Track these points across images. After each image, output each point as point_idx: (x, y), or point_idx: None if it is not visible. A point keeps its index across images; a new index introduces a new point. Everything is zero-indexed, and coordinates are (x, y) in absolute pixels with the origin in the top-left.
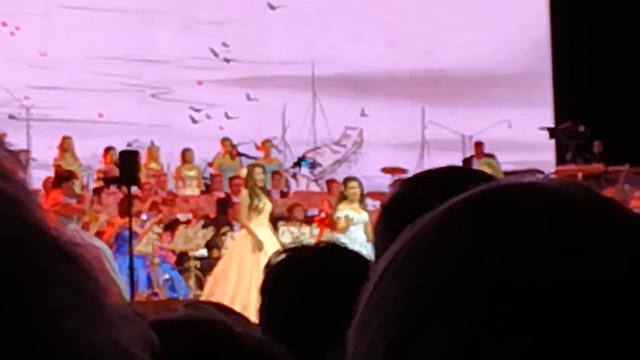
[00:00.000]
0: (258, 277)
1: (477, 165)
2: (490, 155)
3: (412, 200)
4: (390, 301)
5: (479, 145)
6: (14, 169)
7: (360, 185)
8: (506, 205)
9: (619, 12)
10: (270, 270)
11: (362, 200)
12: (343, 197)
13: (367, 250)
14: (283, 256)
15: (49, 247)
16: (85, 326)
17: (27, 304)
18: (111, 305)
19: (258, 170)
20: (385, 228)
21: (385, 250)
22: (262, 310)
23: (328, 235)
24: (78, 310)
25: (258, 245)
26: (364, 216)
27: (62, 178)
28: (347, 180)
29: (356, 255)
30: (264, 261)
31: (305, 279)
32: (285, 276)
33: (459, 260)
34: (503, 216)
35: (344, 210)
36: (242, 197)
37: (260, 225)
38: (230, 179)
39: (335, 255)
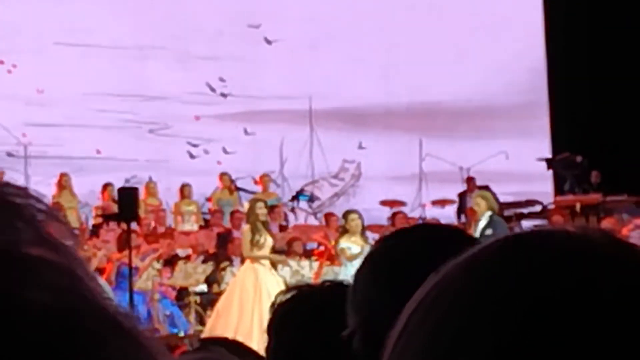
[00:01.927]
0: (259, 313)
1: (471, 198)
2: (484, 188)
3: (396, 252)
4: (417, 346)
5: (470, 180)
6: (64, 239)
7: (361, 217)
8: (532, 253)
9: (615, 41)
10: (277, 309)
11: (363, 233)
12: (345, 231)
13: None
14: (289, 295)
15: (103, 320)
16: None
17: None
18: None
19: (260, 204)
20: (369, 273)
21: (365, 294)
22: (269, 349)
23: (327, 269)
24: None
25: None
26: (366, 250)
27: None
28: (347, 213)
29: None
30: (265, 296)
31: (312, 318)
32: (292, 315)
33: (485, 306)
34: (529, 263)
35: (346, 243)
36: (244, 232)
37: (261, 262)
38: (232, 213)
39: (341, 294)
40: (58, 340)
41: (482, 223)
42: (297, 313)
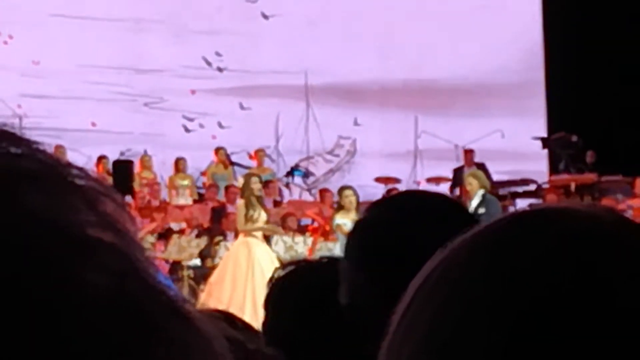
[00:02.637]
0: (252, 288)
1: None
2: (480, 165)
3: (377, 224)
4: (422, 324)
5: (468, 152)
6: (125, 223)
7: (356, 193)
8: (538, 230)
9: (612, 21)
10: (274, 284)
11: (358, 209)
12: (340, 207)
13: None
14: (286, 271)
15: (162, 305)
16: None
17: None
18: None
19: (255, 179)
20: (355, 249)
21: (353, 270)
22: (266, 325)
23: (321, 245)
24: None
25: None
26: None
27: None
28: (342, 189)
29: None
30: (257, 271)
31: (309, 294)
32: (289, 291)
33: (490, 283)
34: (534, 241)
35: (341, 219)
36: (239, 207)
37: (254, 236)
38: (227, 187)
39: (338, 270)
40: (119, 324)
41: (475, 202)
42: (294, 289)
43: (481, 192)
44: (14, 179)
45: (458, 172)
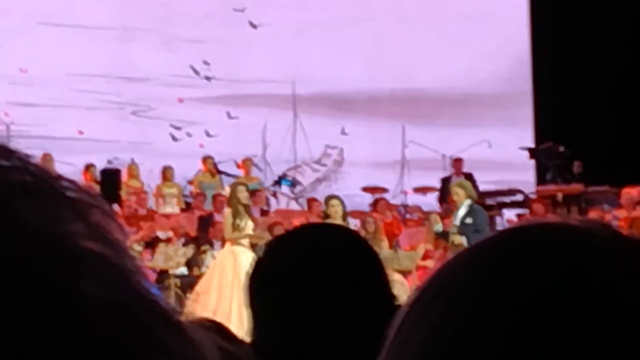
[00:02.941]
0: (238, 296)
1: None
2: (468, 175)
3: (274, 264)
4: (416, 340)
5: (457, 162)
6: (115, 233)
7: (342, 203)
8: (533, 246)
9: (601, 31)
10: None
11: (344, 219)
12: (326, 216)
13: None
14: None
15: (155, 315)
16: None
17: None
18: None
19: (241, 188)
20: (253, 289)
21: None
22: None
23: None
24: None
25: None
26: None
27: None
28: (328, 198)
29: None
30: (243, 280)
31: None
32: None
33: (484, 300)
34: (530, 256)
35: None
36: (225, 216)
37: (241, 245)
38: (214, 196)
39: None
40: (113, 334)
41: (462, 212)
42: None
43: (468, 202)
44: (6, 191)
45: (446, 181)
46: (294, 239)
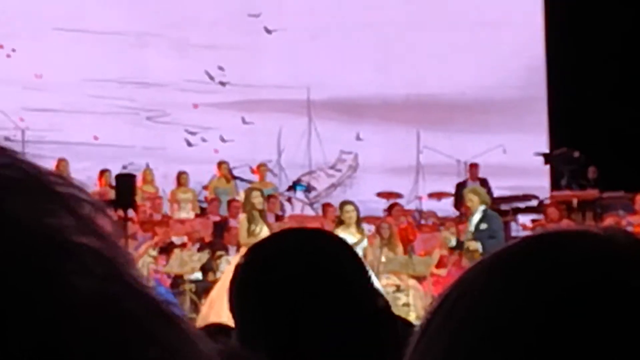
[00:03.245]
0: None
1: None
2: (482, 180)
3: (249, 272)
4: (439, 347)
5: (474, 167)
6: (107, 227)
7: (357, 208)
8: (555, 253)
9: (614, 37)
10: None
11: (358, 225)
12: (340, 222)
13: None
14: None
15: (146, 307)
16: None
17: None
18: None
19: (256, 193)
20: (234, 294)
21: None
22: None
23: None
24: None
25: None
26: (364, 242)
27: None
28: (343, 204)
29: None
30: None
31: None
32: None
33: (507, 307)
34: (551, 265)
35: (342, 234)
36: (241, 221)
37: None
38: (229, 202)
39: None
40: (104, 326)
41: (476, 217)
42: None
43: (482, 208)
44: None
45: (462, 187)
46: (273, 243)
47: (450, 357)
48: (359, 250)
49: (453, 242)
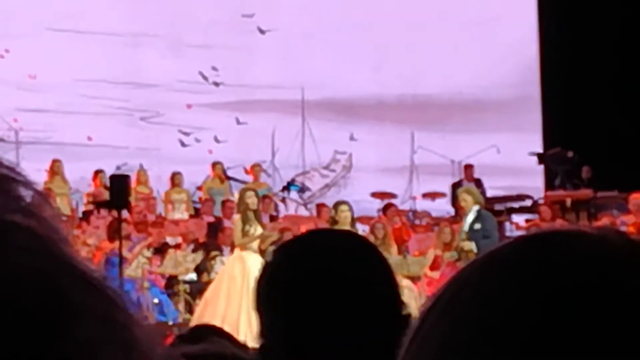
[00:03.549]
0: (247, 302)
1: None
2: (476, 180)
3: (276, 271)
4: (433, 345)
5: (468, 167)
6: (40, 206)
7: (351, 209)
8: (549, 252)
9: (609, 36)
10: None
11: (353, 225)
12: (334, 222)
13: None
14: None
15: (78, 281)
16: (120, 358)
17: (60, 338)
18: (143, 338)
19: (249, 194)
20: (260, 292)
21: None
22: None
23: None
24: (112, 343)
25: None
26: None
27: None
28: (337, 204)
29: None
30: (252, 286)
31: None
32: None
33: (500, 307)
34: (545, 265)
35: None
36: (235, 222)
37: (249, 250)
38: (223, 202)
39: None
40: (38, 301)
41: (470, 217)
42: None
43: (476, 208)
44: None
45: (456, 187)
46: (302, 243)
47: (443, 356)
48: None
49: (455, 256)
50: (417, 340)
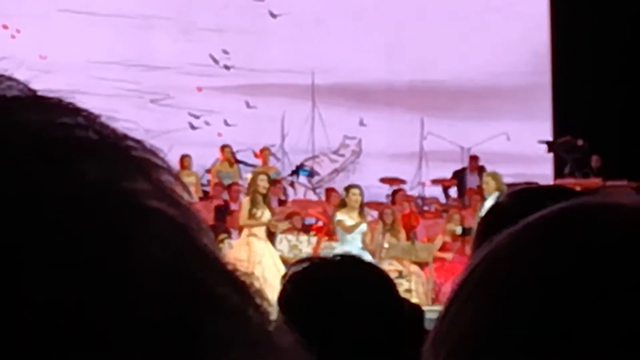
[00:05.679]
0: None
1: (472, 177)
2: (481, 169)
3: (507, 214)
4: (466, 317)
5: (473, 158)
6: (181, 194)
7: (362, 193)
8: (583, 227)
9: (620, 25)
10: (288, 281)
11: (361, 209)
12: (343, 204)
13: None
14: (300, 267)
15: (218, 275)
16: (253, 358)
17: (193, 331)
18: (279, 339)
19: (262, 177)
20: (480, 239)
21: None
22: (279, 321)
23: (325, 244)
24: (246, 342)
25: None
26: (363, 227)
27: None
28: (349, 187)
29: (372, 267)
30: (258, 270)
31: (325, 289)
32: (304, 287)
33: (534, 281)
34: (580, 239)
35: (342, 216)
36: (243, 203)
37: (257, 235)
38: (230, 185)
39: (352, 266)
40: (176, 294)
41: (489, 203)
42: (310, 285)
43: (496, 194)
44: (71, 149)
45: (460, 174)
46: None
47: (476, 329)
48: (357, 235)
49: (459, 231)
50: (453, 310)
